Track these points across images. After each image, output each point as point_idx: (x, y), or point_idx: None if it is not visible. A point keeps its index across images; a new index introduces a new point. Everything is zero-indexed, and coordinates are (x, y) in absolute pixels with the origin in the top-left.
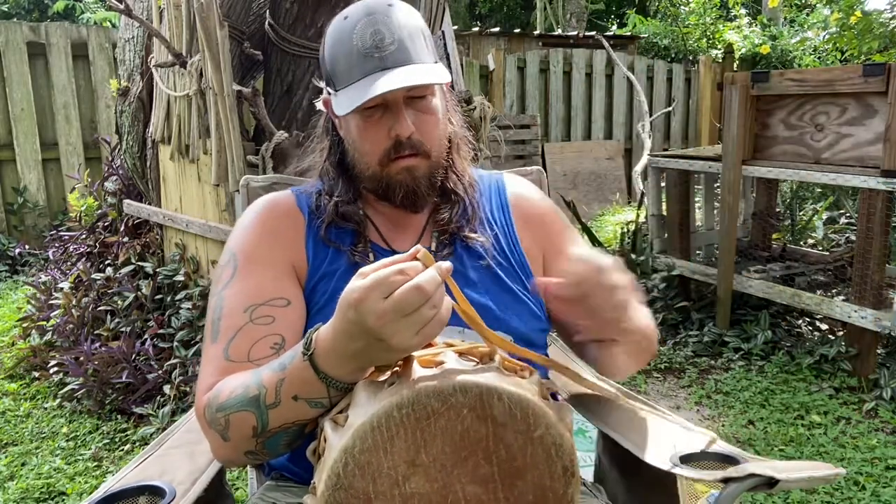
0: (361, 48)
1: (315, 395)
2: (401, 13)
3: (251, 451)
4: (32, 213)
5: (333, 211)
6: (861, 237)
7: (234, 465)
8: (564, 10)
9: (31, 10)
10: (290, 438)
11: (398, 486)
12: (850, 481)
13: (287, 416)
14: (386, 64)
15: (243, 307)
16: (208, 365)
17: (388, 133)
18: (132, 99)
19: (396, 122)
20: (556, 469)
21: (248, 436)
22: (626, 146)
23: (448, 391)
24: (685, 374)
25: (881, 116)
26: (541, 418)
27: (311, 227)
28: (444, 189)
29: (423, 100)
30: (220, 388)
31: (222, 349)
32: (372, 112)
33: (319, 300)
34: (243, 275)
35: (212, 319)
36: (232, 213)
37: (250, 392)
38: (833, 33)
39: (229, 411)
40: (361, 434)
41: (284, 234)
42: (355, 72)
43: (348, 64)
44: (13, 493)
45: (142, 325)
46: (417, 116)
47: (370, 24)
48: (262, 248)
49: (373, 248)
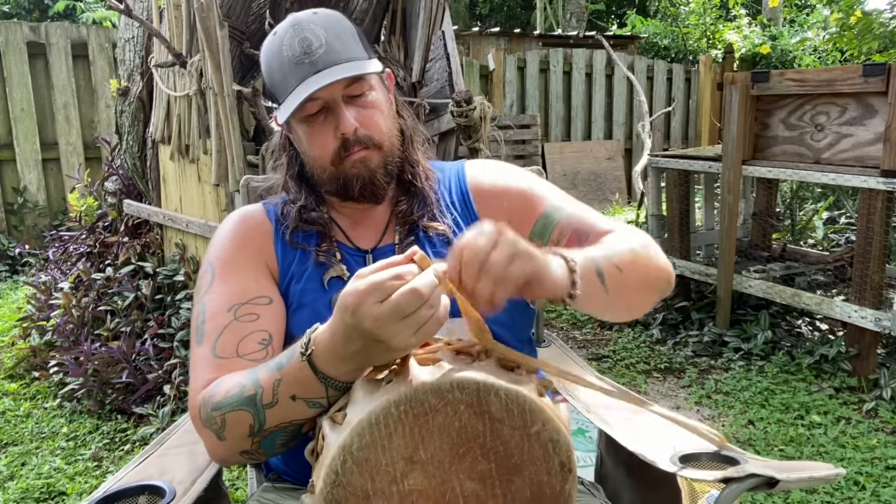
0: (292, 57)
1: (313, 395)
2: (325, 17)
3: (247, 451)
4: (32, 213)
5: (297, 216)
6: (861, 237)
7: (230, 464)
8: (564, 10)
9: (31, 10)
10: (286, 438)
11: (396, 482)
12: (850, 481)
13: (284, 416)
14: (317, 67)
15: (227, 307)
16: (198, 365)
17: (334, 133)
18: (132, 99)
19: (339, 120)
20: (553, 465)
21: (243, 435)
22: (626, 146)
23: (445, 388)
24: (685, 374)
25: (881, 116)
26: (538, 414)
27: (279, 233)
28: (401, 181)
29: (362, 96)
30: (215, 387)
31: (210, 348)
32: (315, 117)
33: (293, 300)
34: (222, 279)
35: (196, 325)
36: (232, 212)
37: (246, 391)
38: (833, 33)
39: (225, 410)
40: (359, 431)
41: (256, 241)
42: (291, 81)
43: (283, 75)
44: (13, 493)
45: (142, 325)
46: (359, 112)
47: (297, 33)
48: (238, 255)
49: (339, 246)
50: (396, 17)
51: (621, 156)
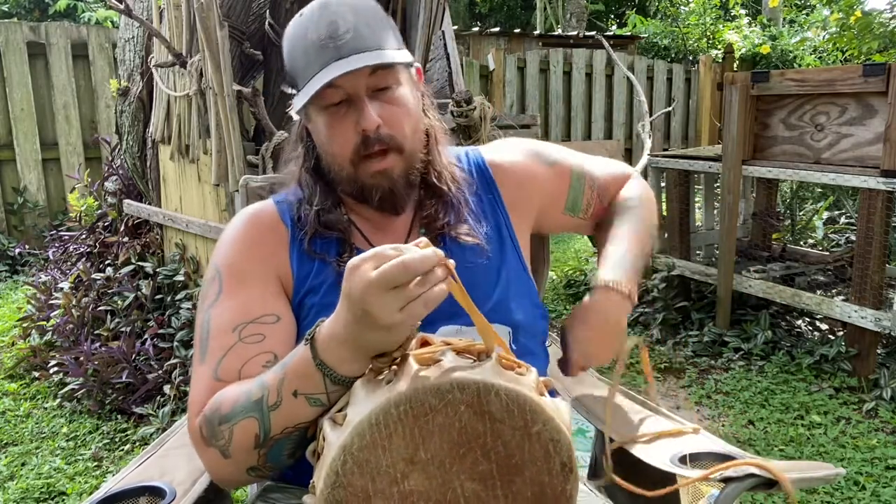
0: (317, 40)
1: (313, 389)
2: (357, 2)
3: (254, 467)
4: (32, 213)
5: (315, 221)
6: (861, 237)
7: (235, 485)
8: (564, 10)
9: (31, 9)
10: (292, 447)
11: (397, 483)
12: (850, 481)
13: (288, 418)
14: (342, 53)
15: (231, 326)
16: (198, 384)
17: (354, 128)
18: (132, 99)
19: (361, 114)
20: (554, 465)
21: (250, 447)
22: (626, 146)
23: (445, 387)
24: (685, 374)
25: (881, 116)
26: (538, 414)
27: (295, 239)
28: (426, 183)
29: (388, 90)
30: (219, 401)
31: (212, 370)
32: (337, 108)
33: (307, 314)
34: (229, 293)
35: (200, 338)
36: (231, 212)
37: (253, 396)
38: (833, 33)
39: (233, 422)
40: (360, 431)
41: (268, 249)
42: (313, 66)
43: (305, 59)
44: (13, 493)
45: (142, 325)
46: (384, 108)
47: (325, 15)
48: (247, 264)
49: (359, 253)
50: (396, 17)
51: (621, 156)
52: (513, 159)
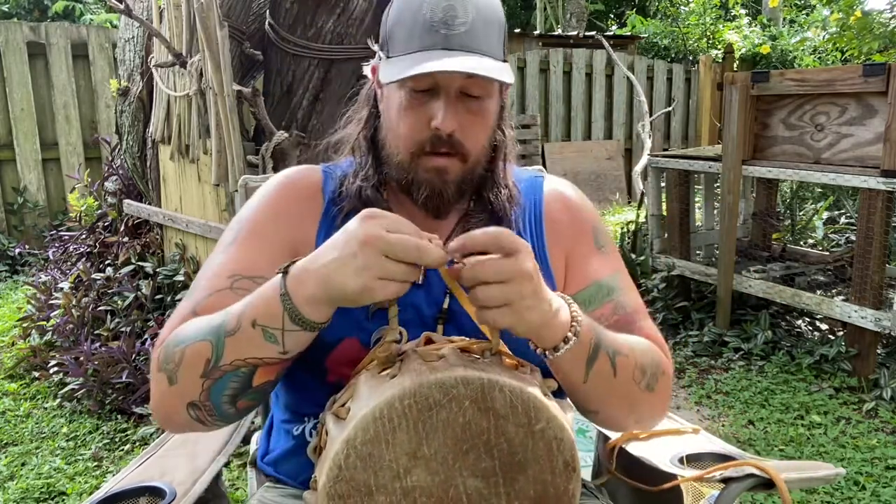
0: (429, 19)
1: (270, 321)
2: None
3: (194, 403)
4: (32, 213)
5: (356, 196)
6: (861, 237)
7: (173, 423)
8: (564, 10)
9: (31, 10)
10: (235, 388)
11: (399, 478)
12: (850, 481)
13: (241, 348)
14: (450, 44)
15: (229, 273)
16: (175, 315)
17: (428, 122)
18: (132, 99)
19: (442, 113)
20: (557, 464)
21: (197, 374)
22: (626, 146)
23: (450, 383)
24: (685, 374)
25: (881, 116)
26: (542, 412)
27: (328, 214)
28: (479, 196)
29: (478, 99)
30: (184, 325)
31: (193, 303)
32: (420, 95)
33: None
34: (240, 245)
35: (197, 276)
36: (232, 212)
37: (214, 321)
38: (833, 33)
39: (187, 344)
40: (363, 425)
41: (295, 219)
42: (414, 42)
43: (409, 32)
44: (13, 493)
45: (142, 325)
46: (465, 115)
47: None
48: (269, 226)
49: None
50: None
51: (621, 156)
52: (565, 196)
